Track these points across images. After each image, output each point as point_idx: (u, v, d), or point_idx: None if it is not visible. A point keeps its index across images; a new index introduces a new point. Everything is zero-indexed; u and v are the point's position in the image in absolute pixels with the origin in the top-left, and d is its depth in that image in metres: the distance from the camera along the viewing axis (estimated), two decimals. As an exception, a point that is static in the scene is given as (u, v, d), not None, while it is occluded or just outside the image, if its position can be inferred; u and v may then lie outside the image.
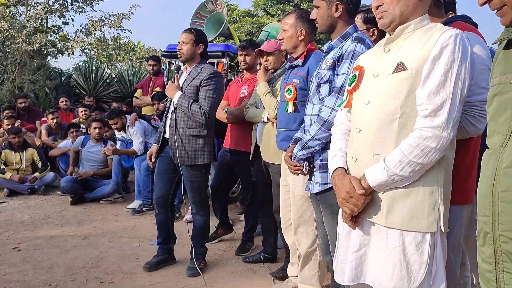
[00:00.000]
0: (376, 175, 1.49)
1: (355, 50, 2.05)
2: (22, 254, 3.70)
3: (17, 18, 8.87)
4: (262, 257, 3.58)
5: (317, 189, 2.17)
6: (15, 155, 5.82)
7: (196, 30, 3.36)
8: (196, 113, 3.15)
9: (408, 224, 1.47)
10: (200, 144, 3.24)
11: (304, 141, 2.19)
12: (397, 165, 1.44)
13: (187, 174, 3.26)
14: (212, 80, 3.21)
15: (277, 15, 21.74)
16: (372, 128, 1.54)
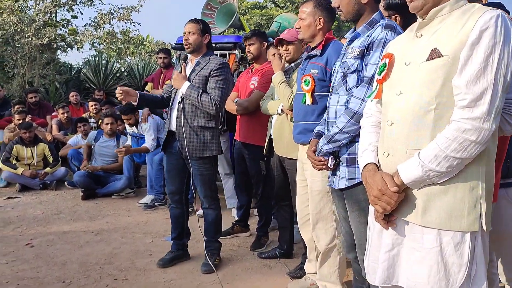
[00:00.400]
0: (410, 171, 1.38)
1: (386, 38, 1.92)
2: (35, 250, 3.66)
3: (26, 12, 8.83)
4: (278, 253, 3.51)
5: (344, 185, 2.06)
6: (27, 150, 5.79)
7: (201, 20, 3.28)
8: (206, 103, 3.07)
9: (447, 223, 1.37)
10: (209, 136, 3.17)
11: (330, 134, 2.07)
12: (433, 160, 1.34)
13: (197, 168, 3.18)
14: (222, 70, 3.15)
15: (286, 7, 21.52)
16: (405, 121, 1.43)
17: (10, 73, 8.72)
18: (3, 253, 3.59)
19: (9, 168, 5.59)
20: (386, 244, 1.51)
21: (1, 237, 3.98)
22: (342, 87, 2.10)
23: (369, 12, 2.08)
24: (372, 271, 1.57)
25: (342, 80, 2.09)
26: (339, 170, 2.09)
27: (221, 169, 4.55)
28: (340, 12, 2.11)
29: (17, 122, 6.09)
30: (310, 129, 2.69)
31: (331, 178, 2.16)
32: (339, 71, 2.13)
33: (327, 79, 2.63)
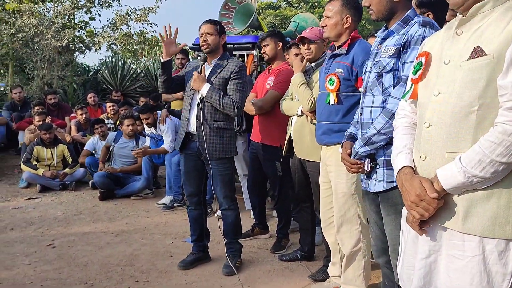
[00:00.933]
0: (451, 177, 1.32)
1: (424, 36, 1.85)
2: (57, 251, 3.68)
3: (46, 14, 8.93)
4: (299, 255, 3.46)
5: (381, 188, 2.00)
6: (47, 151, 5.84)
7: (216, 20, 3.27)
8: (228, 106, 3.07)
9: (490, 230, 1.30)
10: (228, 136, 3.19)
11: (367, 136, 2.02)
12: (476, 165, 1.27)
13: (217, 169, 3.17)
14: (241, 73, 3.16)
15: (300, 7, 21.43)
16: (445, 123, 1.36)
17: (30, 75, 8.83)
18: (26, 254, 3.61)
19: (30, 168, 5.65)
20: (423, 251, 1.45)
21: (24, 237, 4.01)
22: (377, 87, 2.04)
23: (401, 9, 2.01)
24: (407, 277, 1.52)
25: (377, 80, 2.03)
26: (375, 173, 2.04)
27: (239, 170, 4.53)
28: (371, 12, 2.05)
29: (37, 123, 6.14)
30: (334, 129, 2.65)
31: (365, 181, 2.11)
32: (372, 71, 2.06)
33: (353, 78, 2.58)
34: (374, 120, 2.01)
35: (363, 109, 2.12)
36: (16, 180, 6.13)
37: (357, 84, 2.56)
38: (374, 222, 2.16)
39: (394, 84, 1.97)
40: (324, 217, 2.89)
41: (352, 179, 2.62)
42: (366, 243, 2.67)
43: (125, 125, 5.60)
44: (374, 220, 2.16)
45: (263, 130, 3.75)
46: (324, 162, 2.79)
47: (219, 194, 3.24)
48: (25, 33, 7.85)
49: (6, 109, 7.28)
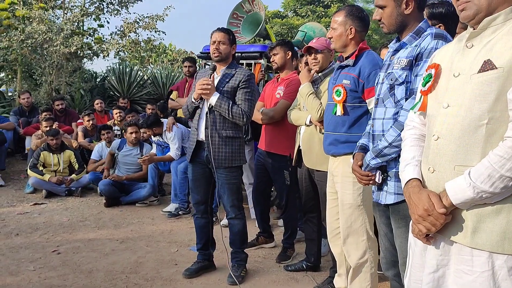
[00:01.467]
0: (460, 192, 1.31)
1: (436, 48, 1.84)
2: (62, 257, 3.68)
3: (55, 21, 9.01)
4: (305, 266, 3.44)
5: (392, 200, 1.99)
6: (53, 157, 5.87)
7: (229, 30, 3.28)
8: (237, 115, 3.07)
9: (499, 246, 1.29)
10: (237, 145, 3.18)
11: (378, 148, 2.01)
12: (485, 180, 1.26)
13: (225, 177, 3.16)
14: (250, 82, 3.16)
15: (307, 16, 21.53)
16: (454, 135, 1.36)
17: (38, 81, 8.89)
18: (31, 260, 3.61)
19: (36, 174, 5.67)
20: (431, 265, 1.43)
21: (29, 243, 4.02)
22: (389, 99, 2.03)
23: (413, 21, 2.01)
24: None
25: (389, 91, 2.01)
26: (386, 185, 2.02)
27: (245, 178, 4.53)
28: (383, 25, 2.05)
29: (44, 129, 6.18)
30: (341, 140, 2.64)
31: (376, 193, 2.09)
32: (384, 83, 2.05)
33: (360, 90, 2.58)
34: (386, 132, 2.00)
35: (374, 120, 2.10)
36: (22, 186, 6.16)
37: (363, 95, 2.56)
38: (384, 234, 2.14)
39: (407, 97, 1.95)
40: (331, 228, 2.87)
41: (359, 190, 2.60)
42: (372, 255, 2.65)
43: (129, 133, 5.62)
44: (384, 232, 2.14)
45: (272, 139, 3.75)
46: (331, 173, 2.79)
47: (226, 202, 3.23)
48: (34, 40, 7.92)
49: (14, 114, 7.33)
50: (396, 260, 2.04)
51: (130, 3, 9.34)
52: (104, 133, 6.12)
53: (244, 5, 5.57)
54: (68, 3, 9.29)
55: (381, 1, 2.01)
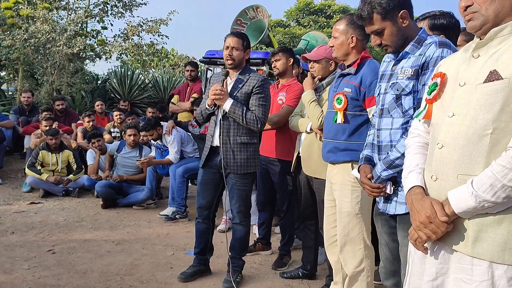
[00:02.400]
0: (463, 201, 1.31)
1: (442, 56, 1.84)
2: (57, 257, 3.66)
3: (59, 21, 9.05)
4: (301, 273, 3.43)
5: (404, 210, 1.95)
6: (52, 156, 5.85)
7: (243, 34, 3.23)
8: (251, 121, 3.05)
9: (500, 256, 1.29)
10: (251, 152, 3.15)
11: (390, 159, 1.98)
12: (488, 190, 1.26)
13: (236, 183, 3.14)
14: (263, 87, 3.12)
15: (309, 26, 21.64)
16: (458, 144, 1.36)
17: (39, 80, 8.90)
18: (25, 258, 3.59)
19: (34, 173, 5.65)
20: (430, 273, 1.43)
21: (24, 242, 3.99)
22: (396, 109, 2.00)
23: (411, 31, 2.01)
24: None
25: (396, 102, 1.99)
26: (396, 195, 2.00)
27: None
28: (386, 47, 2.02)
29: (44, 128, 6.17)
30: (340, 148, 2.65)
31: (383, 204, 2.07)
32: (388, 93, 2.03)
33: (361, 98, 2.58)
34: (396, 143, 1.98)
35: (380, 131, 2.08)
36: (19, 184, 6.14)
37: (364, 104, 2.57)
38: (385, 244, 2.13)
39: (415, 106, 1.94)
40: (328, 235, 2.86)
41: (357, 199, 2.60)
42: (369, 263, 2.65)
43: (127, 135, 5.61)
44: (385, 242, 2.13)
45: (276, 145, 3.76)
46: (329, 180, 2.78)
47: (233, 207, 3.23)
48: (37, 39, 7.94)
49: (13, 113, 7.33)
50: (395, 270, 2.03)
51: (135, 6, 9.39)
52: (95, 141, 6.04)
53: (248, 12, 5.60)
54: (73, 4, 9.35)
55: (377, 26, 1.98)
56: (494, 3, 1.33)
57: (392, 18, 1.98)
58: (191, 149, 5.34)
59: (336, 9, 21.15)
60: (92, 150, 6.05)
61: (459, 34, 2.35)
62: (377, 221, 2.18)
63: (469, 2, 1.37)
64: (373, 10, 1.97)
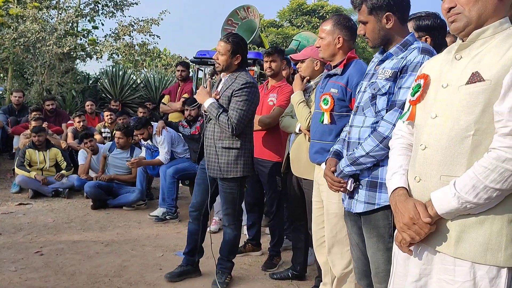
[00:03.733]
0: (445, 202, 1.31)
1: (422, 63, 1.84)
2: (45, 259, 3.63)
3: (49, 21, 8.97)
4: (290, 274, 3.42)
5: (362, 209, 1.98)
6: (39, 154, 5.81)
7: (233, 39, 3.12)
8: (223, 124, 3.02)
9: (482, 257, 1.29)
10: (233, 156, 3.09)
11: (355, 157, 1.99)
12: (470, 191, 1.27)
13: (222, 186, 3.15)
14: (243, 91, 3.04)
15: (302, 26, 21.67)
16: (441, 146, 1.37)
17: (29, 80, 8.82)
18: (13, 260, 3.55)
19: (23, 172, 5.60)
20: (414, 274, 1.44)
21: (12, 243, 3.95)
22: (369, 108, 2.02)
23: (397, 35, 2.01)
24: None
25: (371, 101, 2.01)
26: (357, 193, 2.02)
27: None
28: (367, 40, 2.06)
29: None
30: (327, 149, 2.63)
31: (347, 201, 2.09)
32: (366, 91, 2.05)
33: (347, 99, 2.58)
34: (363, 141, 1.99)
35: (352, 127, 2.10)
36: (8, 185, 6.08)
37: (351, 104, 2.57)
38: (355, 244, 2.14)
39: (387, 108, 1.95)
40: (316, 237, 2.86)
41: None
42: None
43: (116, 137, 5.59)
44: (355, 242, 2.14)
45: (266, 146, 3.75)
46: (316, 182, 2.78)
47: (222, 210, 3.23)
48: (27, 38, 7.87)
49: (2, 113, 7.25)
50: (368, 270, 2.04)
51: (126, 6, 9.34)
52: (87, 142, 6.00)
53: (239, 12, 5.59)
54: (63, 4, 9.26)
55: (362, 17, 2.02)
56: (477, 4, 1.33)
57: (376, 15, 1.99)
58: (181, 150, 5.32)
59: (329, 10, 21.19)
60: (84, 150, 6.00)
61: (446, 35, 2.35)
62: (346, 221, 2.19)
63: (452, 3, 1.37)
64: (363, 1, 2.00)
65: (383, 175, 1.92)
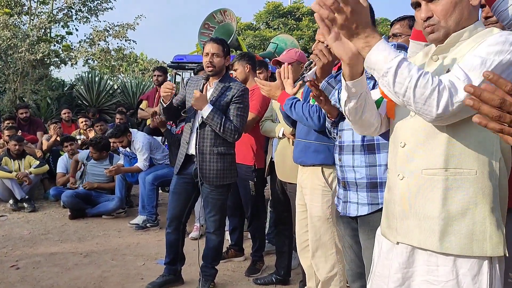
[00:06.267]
0: (382, 55, 1.23)
1: None
2: (21, 273, 3.51)
3: (21, 27, 8.76)
4: (274, 279, 3.39)
5: (366, 211, 1.96)
6: (14, 163, 5.67)
7: (223, 40, 3.12)
8: (229, 131, 2.97)
9: (468, 248, 1.29)
10: (228, 163, 3.07)
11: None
12: (401, 75, 1.21)
13: (211, 192, 3.08)
14: (243, 97, 3.05)
15: (279, 29, 21.75)
16: (419, 141, 1.38)
17: (1, 88, 8.60)
18: (-13, 276, 3.43)
19: (2, 171, 5.45)
20: (396, 279, 1.43)
21: (-15, 258, 3.82)
22: None
23: None
24: None
25: None
26: (357, 196, 2.00)
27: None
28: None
29: (6, 138, 5.95)
30: (312, 148, 2.62)
31: (342, 206, 2.07)
32: None
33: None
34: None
35: (343, 131, 2.09)
36: (-19, 197, 5.88)
37: None
38: (349, 246, 2.13)
39: None
40: (300, 240, 2.84)
41: (328, 203, 2.58)
42: (341, 268, 2.62)
43: (91, 150, 5.49)
44: (349, 244, 2.13)
45: (239, 150, 3.70)
46: (300, 184, 2.76)
47: (207, 216, 3.16)
48: (-2, 45, 7.68)
49: (-26, 122, 7.05)
50: (362, 272, 2.03)
51: (100, 11, 9.20)
52: (67, 145, 5.91)
53: (216, 15, 5.56)
54: (35, 9, 9.07)
55: None
56: (454, 13, 1.35)
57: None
58: (160, 156, 5.24)
59: (305, 11, 21.31)
60: (64, 158, 5.88)
61: None
62: (339, 224, 2.18)
63: (429, 13, 1.37)
64: None
65: (381, 174, 1.93)
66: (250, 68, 3.74)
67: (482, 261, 1.30)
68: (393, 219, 1.46)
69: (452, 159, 1.32)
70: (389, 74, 1.23)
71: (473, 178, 1.31)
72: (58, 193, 5.48)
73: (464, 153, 1.32)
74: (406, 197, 1.41)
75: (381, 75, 1.24)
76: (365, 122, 1.52)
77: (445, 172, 1.33)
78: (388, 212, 1.50)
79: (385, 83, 1.25)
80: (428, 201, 1.36)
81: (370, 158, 1.99)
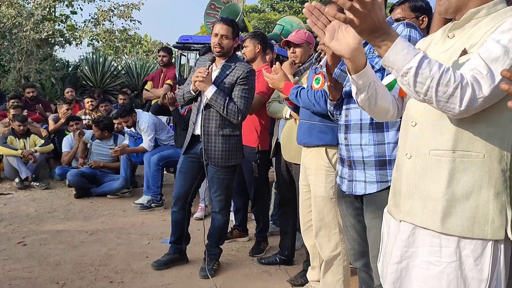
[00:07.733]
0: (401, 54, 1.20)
1: (410, 36, 1.87)
2: (28, 249, 3.56)
3: (25, 6, 8.71)
4: (278, 259, 3.43)
5: (375, 189, 1.95)
6: (19, 142, 5.71)
7: (233, 22, 3.08)
8: (232, 113, 2.97)
9: (469, 230, 1.29)
10: (233, 144, 3.08)
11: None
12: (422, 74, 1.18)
13: (217, 172, 3.09)
14: (249, 78, 3.03)
15: (284, 11, 21.53)
16: (429, 121, 1.37)
17: (6, 67, 8.59)
18: (-5, 251, 3.48)
19: (8, 149, 5.49)
20: (395, 256, 1.44)
21: (-7, 234, 3.87)
22: None
23: None
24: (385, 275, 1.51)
25: None
26: (365, 174, 1.98)
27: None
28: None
29: (12, 117, 5.97)
30: (316, 129, 2.62)
31: (347, 184, 2.07)
32: None
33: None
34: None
35: (349, 110, 2.06)
36: (-14, 176, 5.94)
37: None
38: (351, 225, 2.14)
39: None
40: (303, 220, 2.86)
41: (331, 183, 2.59)
42: (345, 247, 2.65)
43: (93, 129, 5.50)
44: (351, 223, 2.13)
45: (244, 132, 3.70)
46: (303, 165, 2.77)
47: (213, 196, 3.18)
48: (2, 24, 7.64)
49: (-21, 101, 7.07)
50: (364, 251, 2.04)
51: (105, -10, 9.13)
52: (73, 124, 5.93)
53: (222, -5, 5.50)
54: (40, -12, 8.99)
55: None
56: None
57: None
58: (165, 137, 5.26)
59: (311, -6, 21.10)
60: (70, 137, 5.90)
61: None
62: (341, 203, 2.18)
63: None
64: None
65: (390, 152, 1.92)
66: (260, 49, 3.70)
67: (485, 243, 1.30)
68: (398, 197, 1.47)
69: (461, 141, 1.31)
70: (409, 75, 1.21)
71: (481, 162, 1.30)
72: (63, 172, 5.51)
73: (474, 136, 1.30)
74: (412, 176, 1.41)
75: (400, 75, 1.23)
76: (381, 109, 1.52)
77: (453, 153, 1.32)
78: (395, 190, 1.50)
79: (404, 82, 1.24)
80: (433, 182, 1.35)
81: (378, 136, 1.97)
